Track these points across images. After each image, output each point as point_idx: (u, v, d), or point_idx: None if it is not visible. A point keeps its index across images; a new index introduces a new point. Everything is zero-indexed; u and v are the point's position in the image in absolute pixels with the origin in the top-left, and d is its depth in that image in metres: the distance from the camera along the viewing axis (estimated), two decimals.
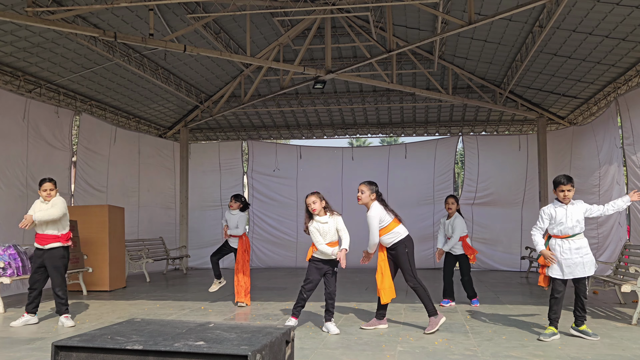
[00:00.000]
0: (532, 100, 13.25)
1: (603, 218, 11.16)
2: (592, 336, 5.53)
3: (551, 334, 5.53)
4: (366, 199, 6.08)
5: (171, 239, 14.78)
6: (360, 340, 5.59)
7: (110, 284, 9.95)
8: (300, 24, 11.24)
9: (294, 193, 14.87)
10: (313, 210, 5.98)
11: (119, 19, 9.30)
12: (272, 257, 14.87)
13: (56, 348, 3.05)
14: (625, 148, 9.89)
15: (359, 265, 12.62)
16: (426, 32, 11.11)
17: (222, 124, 15.86)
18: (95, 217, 10.04)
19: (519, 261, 13.45)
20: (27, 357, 4.91)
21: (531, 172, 13.89)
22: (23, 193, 9.73)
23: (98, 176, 12.18)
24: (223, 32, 10.85)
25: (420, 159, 14.74)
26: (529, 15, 9.08)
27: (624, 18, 8.28)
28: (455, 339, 5.59)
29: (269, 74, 13.00)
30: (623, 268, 8.03)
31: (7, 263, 7.87)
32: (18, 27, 8.62)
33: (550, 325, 5.61)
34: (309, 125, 15.77)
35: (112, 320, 6.76)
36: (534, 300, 8.39)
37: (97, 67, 10.70)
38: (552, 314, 5.60)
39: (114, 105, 12.90)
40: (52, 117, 10.75)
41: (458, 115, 14.99)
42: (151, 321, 3.74)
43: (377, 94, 13.96)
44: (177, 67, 11.99)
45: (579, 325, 5.64)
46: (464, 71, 12.55)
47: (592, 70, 10.49)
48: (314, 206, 5.98)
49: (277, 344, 3.21)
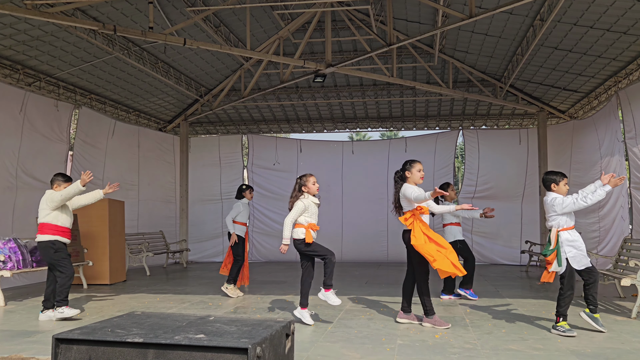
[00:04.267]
0: (533, 94, 13.22)
1: (605, 211, 11.17)
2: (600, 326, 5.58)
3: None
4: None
5: (171, 232, 14.80)
6: (361, 333, 5.59)
7: (111, 277, 9.97)
8: (300, 18, 11.21)
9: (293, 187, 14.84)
10: (317, 188, 6.06)
11: (118, 12, 9.27)
12: (272, 250, 14.89)
13: (57, 341, 3.05)
14: (627, 141, 9.88)
15: (359, 259, 12.67)
16: (427, 26, 11.07)
17: (222, 118, 15.85)
18: (95, 211, 10.03)
19: (519, 255, 13.45)
20: (28, 349, 4.92)
21: (531, 166, 13.89)
22: (12, 184, 9.72)
23: (93, 169, 12.10)
24: (223, 25, 10.82)
25: (421, 153, 14.70)
26: (530, 9, 9.05)
27: (625, 11, 8.26)
28: (455, 333, 5.60)
29: (269, 67, 12.98)
30: (623, 262, 8.03)
31: (7, 256, 7.88)
32: (17, 20, 8.59)
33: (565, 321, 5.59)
34: (309, 119, 15.75)
35: (112, 313, 6.77)
36: (534, 294, 8.40)
37: (96, 60, 10.67)
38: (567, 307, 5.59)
39: (113, 98, 12.88)
40: (51, 110, 10.72)
41: (458, 109, 14.97)
42: (151, 314, 3.74)
43: (377, 87, 13.93)
44: (177, 60, 11.97)
45: (594, 312, 5.64)
46: (464, 65, 12.52)
47: (593, 64, 10.46)
48: (317, 185, 6.09)
49: (278, 336, 3.21)
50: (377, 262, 14.27)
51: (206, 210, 15.23)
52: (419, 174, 5.93)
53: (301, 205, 5.99)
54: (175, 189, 15.14)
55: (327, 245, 6.13)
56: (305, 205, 5.99)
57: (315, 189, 6.06)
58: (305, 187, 6.07)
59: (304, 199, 6.03)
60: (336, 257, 6.18)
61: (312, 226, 6.00)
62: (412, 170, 5.96)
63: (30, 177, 10.08)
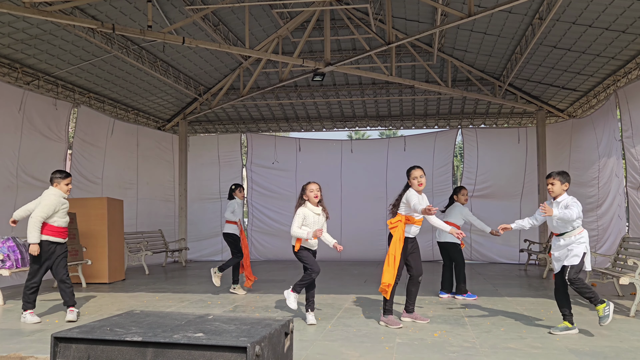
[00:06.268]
0: (532, 92, 13.23)
1: (602, 210, 11.18)
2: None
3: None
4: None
5: (170, 231, 14.80)
6: (359, 332, 5.60)
7: (110, 276, 9.96)
8: (299, 16, 11.20)
9: (293, 185, 14.87)
10: (315, 197, 5.99)
11: (117, 10, 9.26)
12: (271, 249, 14.91)
13: (55, 339, 3.06)
14: (624, 141, 9.89)
15: (358, 258, 12.72)
16: (425, 25, 11.07)
17: (221, 117, 15.84)
18: (94, 210, 10.03)
19: (517, 254, 13.47)
20: (27, 348, 4.92)
21: (530, 164, 13.90)
22: (12, 184, 9.70)
23: (93, 168, 12.14)
24: (222, 24, 10.81)
25: (420, 152, 14.73)
26: (529, 7, 9.05)
27: (624, 10, 8.26)
28: (453, 331, 5.61)
29: (268, 66, 12.97)
30: (621, 260, 8.04)
31: (6, 255, 7.88)
32: (16, 19, 8.58)
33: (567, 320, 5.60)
34: (308, 118, 15.75)
35: (111, 312, 6.77)
36: (532, 293, 8.41)
37: (95, 59, 10.66)
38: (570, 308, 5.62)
39: (112, 97, 12.87)
40: (49, 109, 10.71)
41: (457, 108, 14.97)
42: (150, 313, 3.74)
43: (376, 86, 13.93)
44: (175, 59, 11.95)
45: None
46: (463, 64, 12.52)
47: (591, 62, 10.47)
48: (318, 194, 6.02)
49: (276, 335, 3.21)
50: (375, 261, 14.27)
51: (205, 209, 15.23)
52: (415, 181, 5.98)
53: (300, 213, 5.98)
54: (174, 187, 15.14)
55: (327, 245, 6.14)
56: (304, 214, 5.98)
57: (312, 197, 6.00)
58: (305, 195, 6.06)
59: (303, 208, 6.02)
60: (333, 259, 6.21)
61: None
62: (409, 178, 6.05)
63: (30, 176, 10.07)
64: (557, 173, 5.64)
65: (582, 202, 5.97)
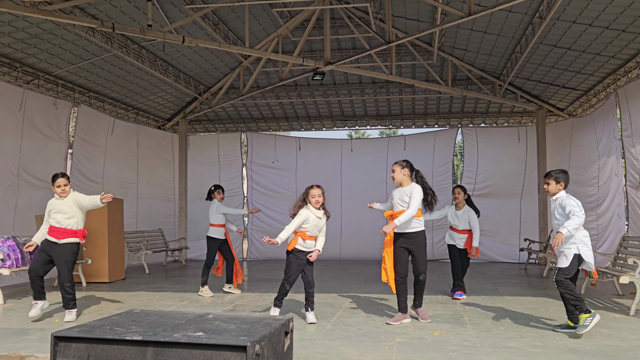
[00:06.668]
0: (532, 92, 13.22)
1: (602, 209, 11.18)
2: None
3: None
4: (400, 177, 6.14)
5: (170, 230, 14.79)
6: (359, 331, 5.60)
7: (110, 275, 9.96)
8: (299, 15, 11.19)
9: (293, 185, 14.88)
10: (317, 203, 5.99)
11: (117, 9, 9.25)
12: (271, 248, 14.87)
13: (55, 339, 3.06)
14: (624, 140, 9.89)
15: (358, 257, 12.74)
16: (425, 24, 11.07)
17: (221, 116, 15.83)
18: (94, 209, 10.01)
19: (518, 253, 13.48)
20: (27, 347, 4.92)
21: (530, 163, 13.90)
22: (14, 183, 9.71)
23: (93, 167, 12.14)
24: (222, 23, 10.80)
25: (420, 151, 14.73)
26: (529, 7, 9.05)
27: (624, 9, 8.25)
28: (453, 330, 5.61)
29: (268, 65, 12.96)
30: (621, 259, 8.05)
31: (6, 254, 7.88)
32: (15, 18, 8.57)
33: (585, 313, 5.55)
34: (308, 117, 15.74)
35: (111, 311, 6.77)
36: (533, 292, 8.42)
37: (95, 58, 10.66)
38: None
39: (112, 96, 12.86)
40: (49, 108, 10.71)
41: (457, 107, 14.97)
42: (150, 312, 3.75)
43: (376, 85, 13.93)
44: (175, 58, 11.95)
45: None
46: (463, 63, 12.51)
47: (591, 61, 10.46)
48: (320, 199, 6.02)
49: (276, 334, 3.21)
50: (376, 260, 14.27)
51: (205, 208, 15.07)
52: (312, 199, 6.07)
53: (303, 214, 5.99)
54: (174, 186, 15.14)
55: (327, 244, 6.15)
56: (306, 216, 6.00)
57: (314, 202, 6.01)
58: (307, 198, 6.07)
59: (306, 209, 6.03)
60: (333, 258, 6.24)
61: (302, 234, 6.02)
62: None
63: (31, 176, 10.07)
64: (554, 172, 5.65)
65: (582, 201, 5.96)
